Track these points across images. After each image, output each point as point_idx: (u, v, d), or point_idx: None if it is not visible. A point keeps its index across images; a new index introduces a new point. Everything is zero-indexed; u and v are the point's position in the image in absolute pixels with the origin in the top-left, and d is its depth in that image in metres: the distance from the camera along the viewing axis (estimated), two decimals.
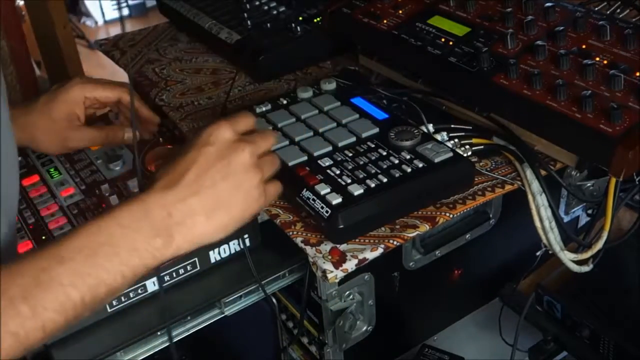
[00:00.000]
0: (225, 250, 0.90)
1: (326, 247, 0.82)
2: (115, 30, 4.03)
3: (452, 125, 0.96)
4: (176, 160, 0.65)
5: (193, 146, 0.65)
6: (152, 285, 0.85)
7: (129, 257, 0.60)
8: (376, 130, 0.94)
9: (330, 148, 0.91)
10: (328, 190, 0.83)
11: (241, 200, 0.66)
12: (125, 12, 4.31)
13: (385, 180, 0.84)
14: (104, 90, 0.97)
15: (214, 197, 0.64)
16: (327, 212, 0.80)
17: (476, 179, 0.91)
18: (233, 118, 0.69)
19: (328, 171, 0.87)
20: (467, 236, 0.99)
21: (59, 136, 0.96)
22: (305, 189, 0.84)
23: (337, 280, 0.81)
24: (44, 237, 0.90)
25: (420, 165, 0.86)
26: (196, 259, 0.88)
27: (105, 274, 0.59)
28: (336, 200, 0.81)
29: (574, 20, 0.94)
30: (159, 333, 0.83)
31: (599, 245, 0.90)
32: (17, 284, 0.55)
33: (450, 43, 1.00)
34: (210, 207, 0.64)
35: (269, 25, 1.27)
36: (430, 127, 0.96)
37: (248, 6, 1.35)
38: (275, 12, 1.32)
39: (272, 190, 0.71)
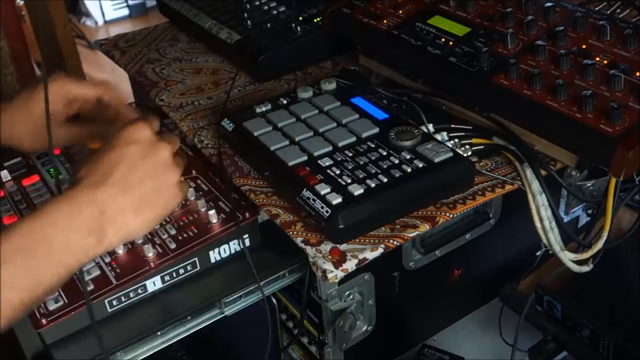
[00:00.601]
0: (225, 250, 0.90)
1: (326, 247, 0.82)
2: (115, 30, 4.02)
3: (452, 125, 0.96)
4: (100, 158, 0.65)
5: (116, 145, 0.66)
6: (152, 285, 0.85)
7: (64, 256, 0.60)
8: (376, 130, 0.94)
9: (330, 148, 0.91)
10: (328, 190, 0.83)
11: (164, 197, 0.68)
12: (125, 12, 4.30)
13: (385, 180, 0.84)
14: (83, 88, 0.93)
15: (141, 195, 0.65)
16: (327, 212, 0.80)
17: (476, 179, 0.91)
18: (147, 118, 0.70)
19: (328, 171, 0.87)
20: (467, 236, 0.99)
21: (37, 133, 0.91)
22: (305, 189, 0.84)
23: (337, 280, 0.81)
24: None
25: (421, 165, 0.86)
26: (196, 259, 0.88)
27: (42, 274, 0.59)
28: (336, 200, 0.81)
29: (574, 20, 0.94)
30: (159, 333, 0.83)
31: (599, 245, 0.90)
32: None
33: (450, 43, 1.00)
34: (138, 204, 0.65)
35: (269, 25, 1.27)
36: (430, 127, 0.96)
37: (248, 6, 1.35)
38: (275, 12, 1.32)
39: (185, 187, 0.72)
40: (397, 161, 0.87)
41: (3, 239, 0.58)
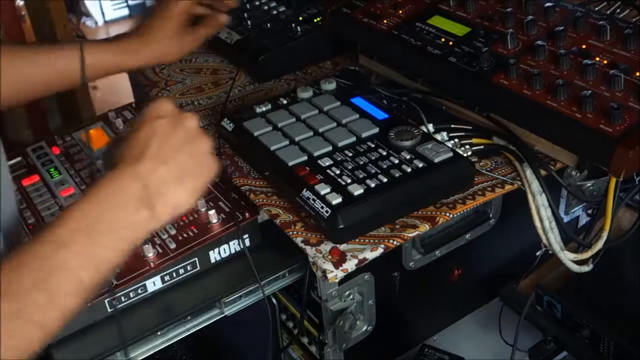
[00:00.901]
0: (225, 250, 0.90)
1: (326, 247, 0.82)
2: (115, 30, 4.02)
3: (452, 125, 0.96)
4: (132, 138, 0.66)
5: (144, 122, 0.66)
6: (152, 285, 0.85)
7: (122, 232, 0.62)
8: (376, 130, 0.94)
9: (330, 148, 0.91)
10: (328, 190, 0.83)
11: (201, 165, 0.68)
12: (125, 12, 4.30)
13: (385, 180, 0.84)
14: None
15: (179, 165, 0.65)
16: (327, 212, 0.80)
17: (476, 179, 0.91)
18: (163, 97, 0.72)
19: (328, 171, 0.87)
20: (467, 236, 0.99)
21: (175, 46, 1.04)
22: (305, 189, 0.84)
23: (337, 280, 0.81)
24: None
25: (420, 165, 0.86)
26: (196, 259, 0.88)
27: (105, 252, 0.60)
28: (336, 200, 0.81)
29: (574, 20, 0.94)
30: (159, 333, 0.83)
31: (599, 245, 0.90)
32: (27, 275, 0.56)
33: (450, 43, 1.00)
34: (179, 175, 0.65)
35: (269, 25, 1.27)
36: (430, 127, 0.96)
37: (248, 6, 1.35)
38: (275, 12, 1.32)
39: (216, 159, 0.72)
40: (397, 161, 0.87)
41: (61, 223, 0.60)
